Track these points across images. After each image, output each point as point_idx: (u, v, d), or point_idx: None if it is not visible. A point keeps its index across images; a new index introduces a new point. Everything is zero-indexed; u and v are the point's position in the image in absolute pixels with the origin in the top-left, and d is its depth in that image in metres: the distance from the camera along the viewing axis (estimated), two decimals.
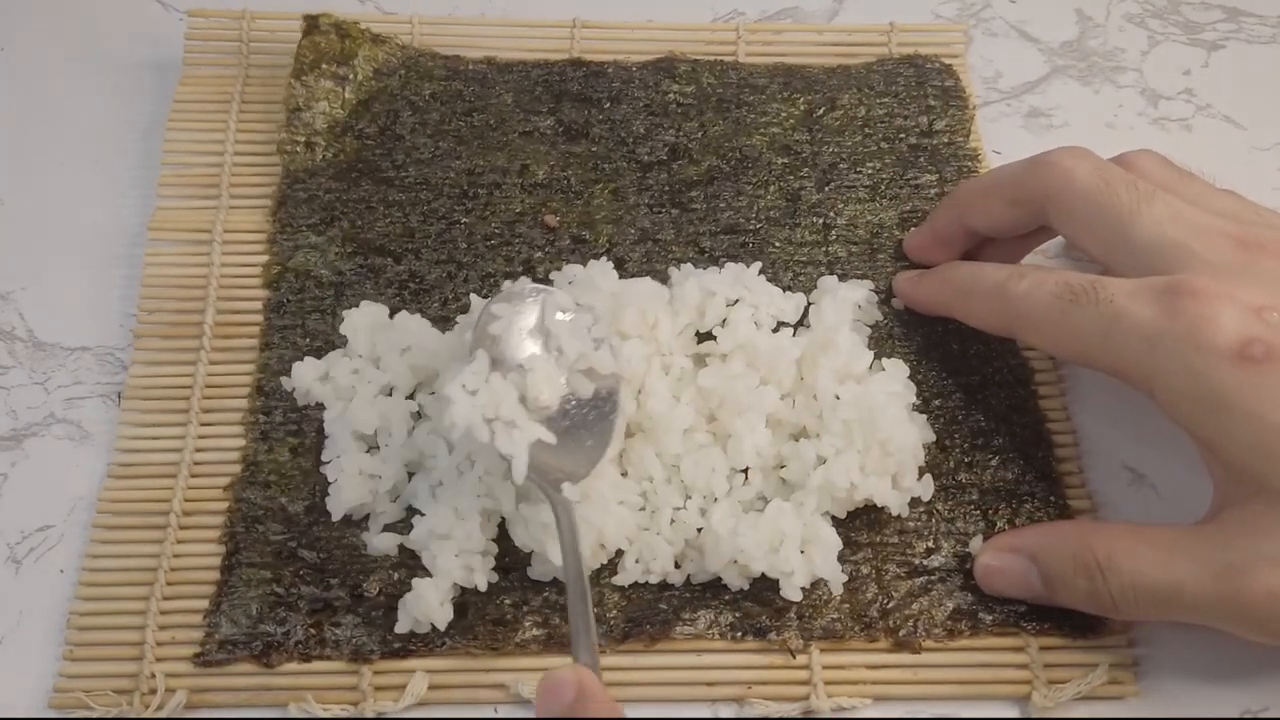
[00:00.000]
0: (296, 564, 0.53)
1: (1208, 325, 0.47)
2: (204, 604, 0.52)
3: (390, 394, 0.56)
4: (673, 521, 0.53)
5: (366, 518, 0.54)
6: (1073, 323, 0.51)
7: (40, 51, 0.71)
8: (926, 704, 0.51)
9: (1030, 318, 0.53)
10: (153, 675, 0.50)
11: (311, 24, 0.66)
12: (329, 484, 0.54)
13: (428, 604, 0.51)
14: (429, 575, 0.52)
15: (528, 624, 0.52)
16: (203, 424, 0.57)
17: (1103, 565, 0.49)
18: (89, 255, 0.63)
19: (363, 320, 0.58)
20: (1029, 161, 0.56)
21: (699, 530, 0.53)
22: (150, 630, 0.51)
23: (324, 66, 0.66)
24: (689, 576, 0.53)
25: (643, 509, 0.54)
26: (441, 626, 0.51)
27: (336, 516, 0.54)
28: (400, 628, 0.51)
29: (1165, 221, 0.51)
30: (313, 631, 0.51)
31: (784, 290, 0.59)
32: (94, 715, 0.49)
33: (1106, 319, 0.50)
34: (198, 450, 0.56)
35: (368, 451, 0.55)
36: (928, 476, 0.55)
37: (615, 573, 0.53)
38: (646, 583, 0.53)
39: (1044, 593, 0.51)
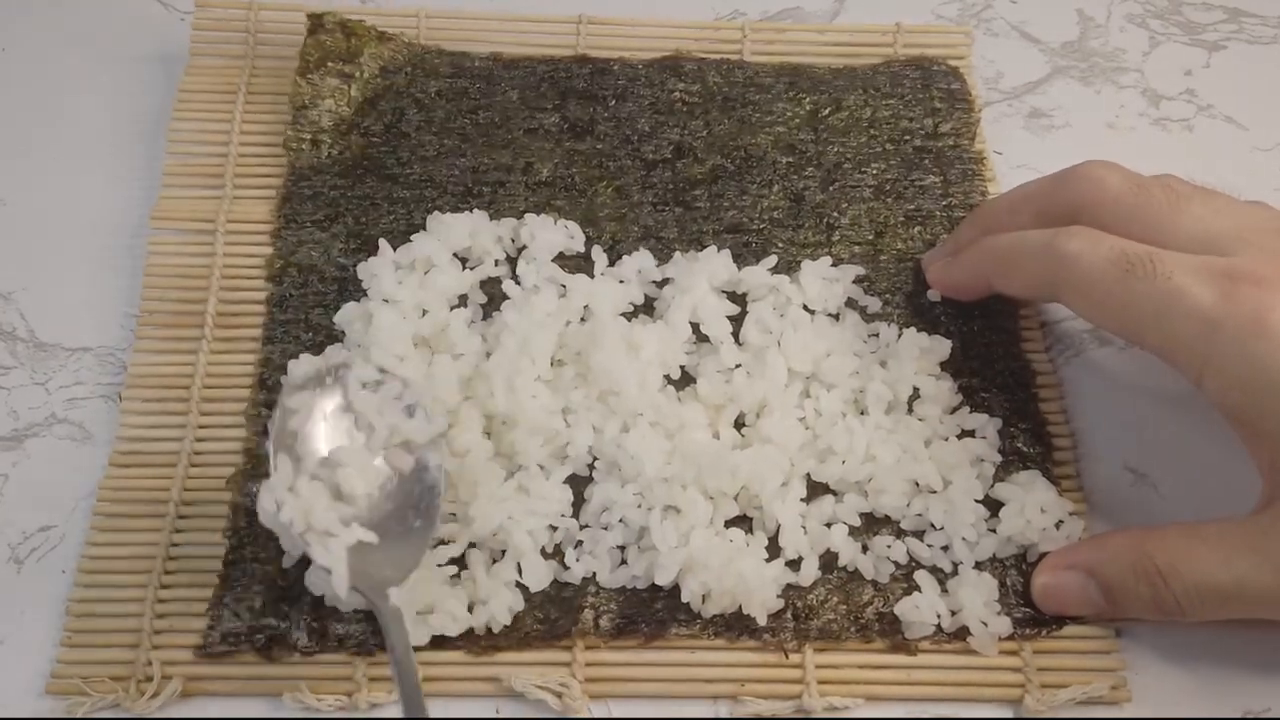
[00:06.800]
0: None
1: (1272, 312, 0.47)
2: (202, 593, 0.52)
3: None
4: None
5: None
6: (1126, 294, 0.49)
7: (41, 54, 0.71)
8: (919, 705, 0.51)
9: (1080, 282, 0.51)
10: (149, 663, 0.50)
11: (316, 23, 0.66)
12: None
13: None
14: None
15: (525, 620, 0.52)
16: (203, 414, 0.57)
17: (1163, 571, 0.48)
18: (90, 256, 0.63)
19: (360, 313, 0.58)
20: (1056, 174, 0.55)
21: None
22: (148, 618, 0.51)
23: (330, 65, 0.66)
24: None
25: (639, 505, 0.53)
26: (422, 642, 0.50)
27: None
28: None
29: (1208, 216, 0.51)
30: (315, 625, 0.51)
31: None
32: (90, 701, 0.49)
33: (1164, 295, 0.48)
34: (198, 440, 0.56)
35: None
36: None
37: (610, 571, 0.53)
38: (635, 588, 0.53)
39: (1105, 606, 0.51)
